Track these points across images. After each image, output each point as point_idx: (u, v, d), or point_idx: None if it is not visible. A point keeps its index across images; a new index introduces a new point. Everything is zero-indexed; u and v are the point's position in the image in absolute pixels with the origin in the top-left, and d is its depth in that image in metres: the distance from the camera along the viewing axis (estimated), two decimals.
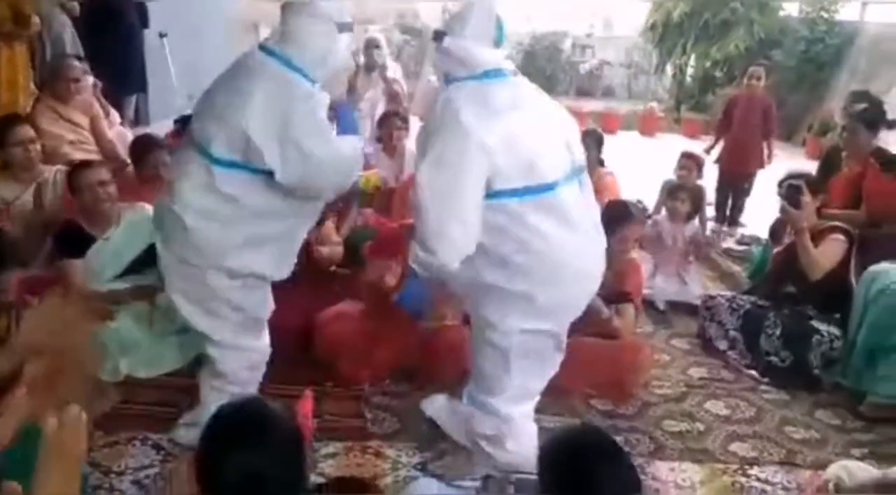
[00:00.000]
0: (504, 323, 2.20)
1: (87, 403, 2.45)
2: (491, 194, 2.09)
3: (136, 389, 2.90)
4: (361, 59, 5.53)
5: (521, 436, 2.36)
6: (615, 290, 3.20)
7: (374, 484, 2.18)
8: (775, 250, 3.80)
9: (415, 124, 5.27)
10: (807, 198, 3.42)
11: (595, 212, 2.35)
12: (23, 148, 3.34)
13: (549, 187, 2.12)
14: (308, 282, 3.22)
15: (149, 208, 3.19)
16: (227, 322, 2.46)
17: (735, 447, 2.86)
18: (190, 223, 2.28)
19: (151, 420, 2.73)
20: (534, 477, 1.62)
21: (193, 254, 2.32)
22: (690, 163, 4.99)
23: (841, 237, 3.41)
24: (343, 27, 2.38)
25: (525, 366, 2.31)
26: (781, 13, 9.85)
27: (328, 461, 2.57)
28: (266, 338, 2.62)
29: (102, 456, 2.52)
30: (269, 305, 2.57)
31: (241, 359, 2.54)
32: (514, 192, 2.10)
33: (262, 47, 2.39)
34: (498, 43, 2.25)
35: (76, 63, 4.34)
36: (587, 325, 3.10)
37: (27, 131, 3.41)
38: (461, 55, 2.18)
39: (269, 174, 2.25)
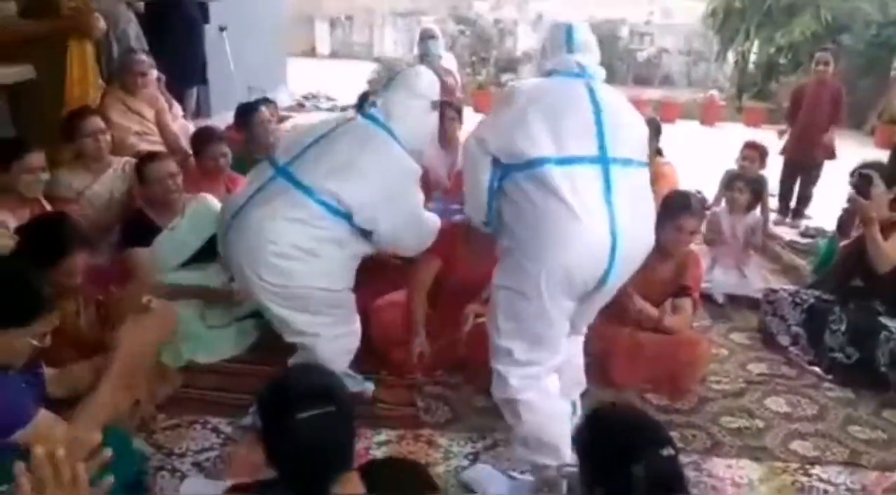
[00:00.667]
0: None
1: (149, 386, 2.58)
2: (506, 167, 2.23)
3: (196, 375, 2.99)
4: (416, 50, 5.54)
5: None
6: (675, 283, 3.14)
7: (423, 468, 2.19)
8: (842, 243, 3.67)
9: (469, 116, 5.27)
10: (879, 189, 3.29)
11: (633, 203, 2.24)
12: (93, 138, 3.46)
13: (540, 162, 2.16)
14: (363, 272, 3.26)
15: (211, 199, 3.30)
16: (321, 316, 2.58)
17: (796, 445, 2.78)
18: (285, 261, 2.44)
19: (211, 404, 2.81)
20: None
21: (285, 279, 2.46)
22: (753, 153, 4.85)
23: None
24: (435, 105, 2.69)
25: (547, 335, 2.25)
26: None
27: (381, 448, 2.61)
28: (357, 322, 2.75)
29: (165, 438, 2.60)
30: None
31: (337, 346, 2.65)
32: (516, 167, 2.20)
33: (369, 116, 2.62)
34: (571, 49, 2.35)
35: (143, 57, 4.47)
36: (639, 324, 3.07)
37: (98, 122, 3.53)
38: (541, 60, 2.45)
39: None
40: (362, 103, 2.82)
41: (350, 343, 2.72)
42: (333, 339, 2.63)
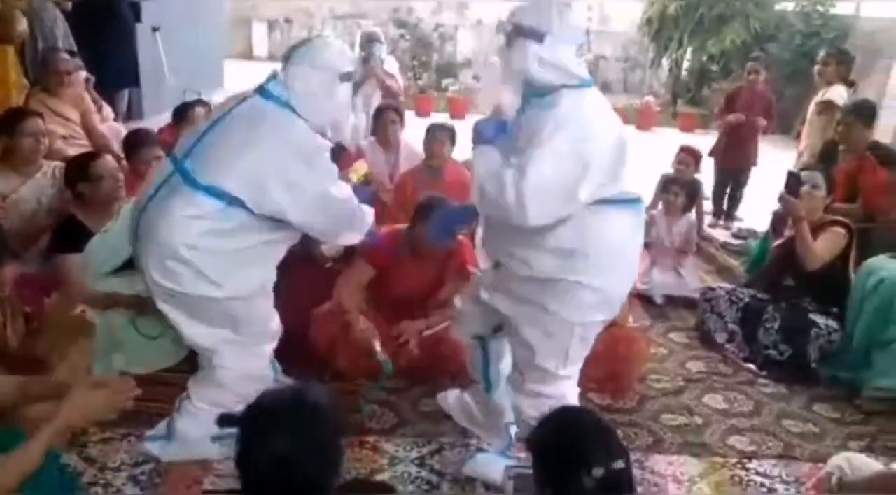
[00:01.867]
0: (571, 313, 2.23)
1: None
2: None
3: None
4: (357, 53, 5.49)
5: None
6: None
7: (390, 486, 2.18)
8: (775, 243, 3.79)
9: (410, 119, 5.25)
10: (818, 191, 3.42)
11: None
12: (34, 139, 3.33)
13: (638, 200, 2.27)
14: (304, 279, 3.20)
15: None
16: (220, 328, 2.41)
17: (733, 440, 2.86)
18: (175, 263, 2.26)
19: (146, 416, 2.71)
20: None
21: (173, 282, 2.29)
22: (688, 157, 4.98)
23: (840, 230, 3.40)
24: (345, 77, 2.44)
25: (582, 352, 2.35)
26: (777, 7, 9.83)
27: None
28: (268, 345, 2.57)
29: (98, 452, 2.50)
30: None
31: (239, 370, 2.45)
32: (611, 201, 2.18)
33: (266, 93, 2.39)
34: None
35: (67, 56, 4.31)
36: None
37: (39, 124, 3.40)
38: (562, 62, 2.13)
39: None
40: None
41: (255, 368, 2.48)
42: (235, 360, 2.42)
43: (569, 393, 2.33)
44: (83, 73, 4.66)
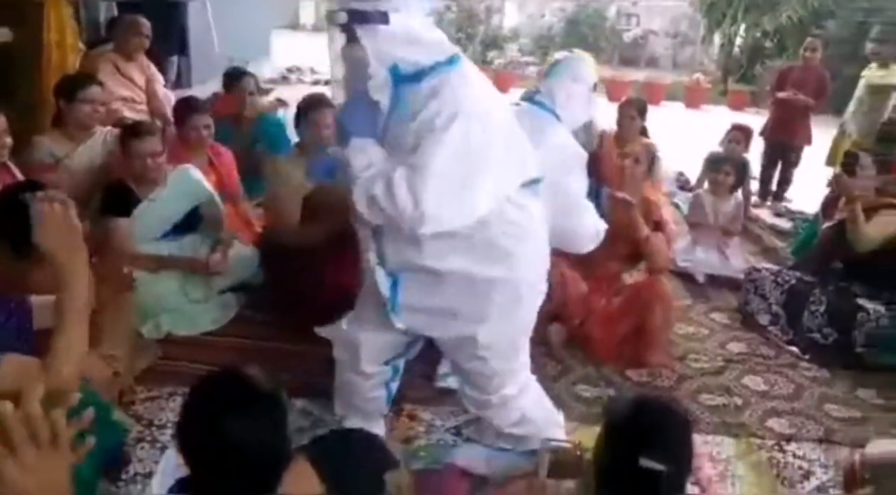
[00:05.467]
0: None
1: (128, 358, 2.54)
2: None
3: (174, 346, 2.96)
4: None
5: (530, 394, 2.30)
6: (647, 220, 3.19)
7: (379, 439, 2.15)
8: (825, 225, 3.70)
9: None
10: (868, 171, 3.33)
11: None
12: (92, 107, 3.38)
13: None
14: (345, 248, 3.24)
15: (193, 170, 3.25)
16: None
17: (772, 423, 2.82)
18: None
19: (191, 376, 2.76)
20: None
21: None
22: (740, 135, 4.87)
23: (894, 213, 3.30)
24: (594, 87, 2.78)
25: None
26: None
27: None
28: None
29: (144, 410, 2.58)
30: None
31: None
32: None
33: (535, 102, 2.70)
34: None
35: (146, 21, 4.38)
36: (621, 246, 3.12)
37: (100, 92, 3.45)
38: (421, 35, 1.92)
39: None
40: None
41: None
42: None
43: (530, 380, 2.27)
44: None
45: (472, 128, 1.85)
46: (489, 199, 1.91)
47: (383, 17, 1.86)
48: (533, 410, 2.29)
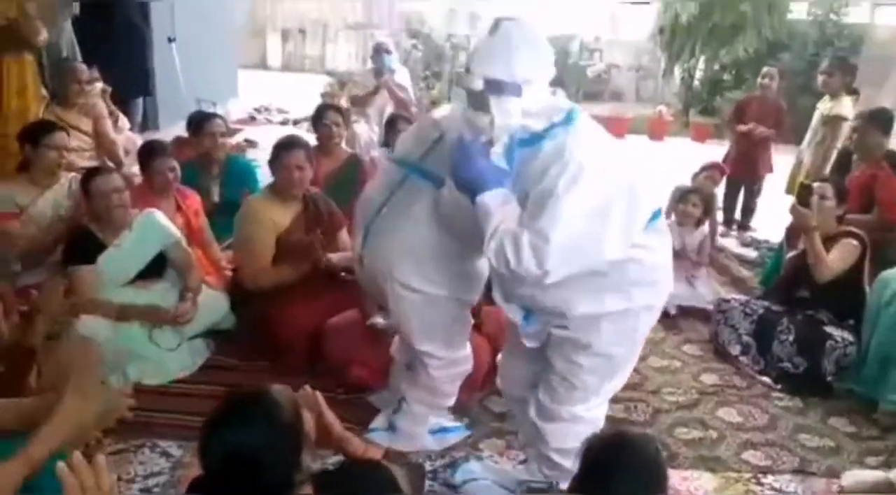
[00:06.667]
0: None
1: (99, 412, 2.46)
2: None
3: (143, 396, 2.87)
4: (370, 64, 5.53)
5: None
6: None
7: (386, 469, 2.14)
8: (789, 254, 3.76)
9: None
10: (828, 201, 3.40)
11: None
12: (58, 153, 3.37)
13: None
14: (318, 290, 3.21)
15: (159, 214, 3.21)
16: None
17: (748, 455, 2.83)
18: None
19: (160, 427, 2.72)
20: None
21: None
22: (716, 172, 4.99)
23: (853, 241, 3.37)
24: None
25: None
26: (790, 16, 9.80)
27: None
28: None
29: (111, 464, 2.48)
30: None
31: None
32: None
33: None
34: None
35: (83, 67, 4.34)
36: None
37: (64, 138, 3.45)
38: (546, 105, 1.98)
39: None
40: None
41: (459, 370, 2.57)
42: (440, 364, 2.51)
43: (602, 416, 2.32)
44: (99, 85, 4.70)
45: (593, 188, 1.89)
46: (614, 250, 1.98)
47: (517, 90, 1.90)
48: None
